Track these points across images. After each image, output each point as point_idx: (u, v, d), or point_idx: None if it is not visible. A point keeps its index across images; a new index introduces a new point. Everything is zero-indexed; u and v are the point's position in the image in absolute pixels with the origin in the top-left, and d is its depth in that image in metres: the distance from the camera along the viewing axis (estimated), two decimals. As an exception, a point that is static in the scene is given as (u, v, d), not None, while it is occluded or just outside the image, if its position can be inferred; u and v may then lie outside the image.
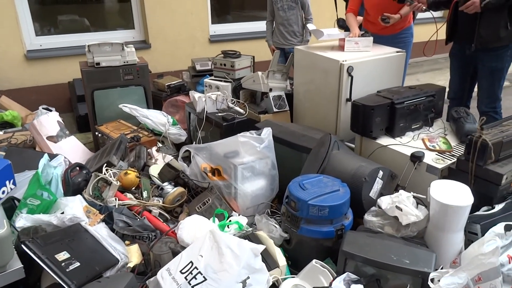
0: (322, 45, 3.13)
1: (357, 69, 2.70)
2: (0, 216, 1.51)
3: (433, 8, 2.87)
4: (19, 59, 4.05)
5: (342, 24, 3.68)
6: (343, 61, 2.67)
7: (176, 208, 2.31)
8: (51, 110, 4.03)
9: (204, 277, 1.57)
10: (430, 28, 2.84)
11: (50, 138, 2.90)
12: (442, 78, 5.47)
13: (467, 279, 1.60)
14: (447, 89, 2.95)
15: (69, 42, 4.36)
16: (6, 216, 1.62)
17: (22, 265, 1.51)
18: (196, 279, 1.57)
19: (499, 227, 1.82)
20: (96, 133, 3.14)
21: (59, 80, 4.26)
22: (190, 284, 1.56)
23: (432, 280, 1.61)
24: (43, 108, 4.04)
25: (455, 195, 1.85)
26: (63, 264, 1.57)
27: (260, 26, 5.41)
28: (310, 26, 3.19)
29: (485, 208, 2.02)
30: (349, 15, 3.26)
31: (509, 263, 1.79)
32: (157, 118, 3.26)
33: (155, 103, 3.56)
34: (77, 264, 1.62)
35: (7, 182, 1.60)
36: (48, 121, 2.94)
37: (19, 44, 4.02)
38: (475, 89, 2.94)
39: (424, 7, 2.87)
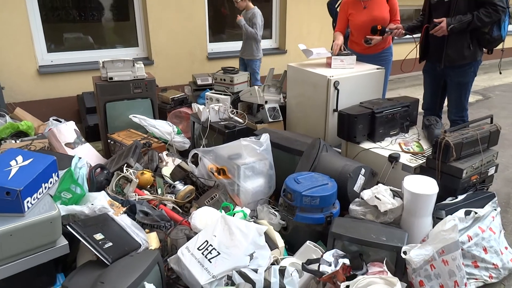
0: (312, 62, 3.53)
1: (343, 84, 3.09)
2: (50, 202, 1.82)
3: (409, 32, 3.32)
4: (32, 74, 4.37)
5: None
6: (330, 76, 3.07)
7: (186, 204, 2.64)
8: (60, 121, 4.35)
9: (218, 252, 1.89)
10: (410, 47, 3.24)
11: (68, 144, 3.20)
12: (421, 92, 5.94)
13: (433, 251, 1.97)
14: (421, 101, 3.36)
15: (78, 59, 4.70)
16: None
17: (67, 242, 1.82)
18: (211, 253, 1.90)
19: (460, 212, 2.20)
20: (109, 140, 3.45)
21: (68, 93, 4.58)
22: (206, 258, 1.88)
23: (404, 252, 1.97)
24: (53, 119, 4.35)
25: (424, 186, 2.22)
26: (100, 242, 1.88)
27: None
28: (301, 46, 3.60)
29: (450, 198, 2.40)
30: (337, 33, 3.67)
31: (469, 241, 2.17)
32: (163, 128, 3.59)
33: (160, 114, 3.90)
34: (110, 243, 1.93)
35: (53, 174, 1.92)
36: (67, 130, 3.25)
37: (33, 60, 4.34)
38: (446, 101, 3.36)
39: (403, 32, 3.32)
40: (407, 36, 3.34)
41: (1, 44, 4.11)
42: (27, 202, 1.67)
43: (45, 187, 1.83)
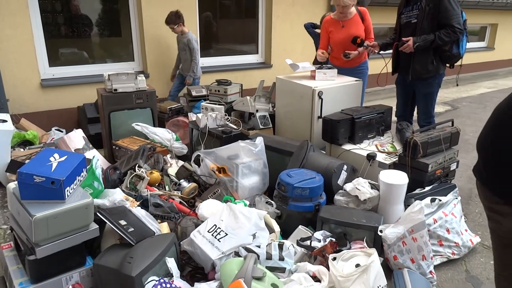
0: (298, 75, 3.96)
1: (326, 93, 3.51)
2: (83, 192, 2.14)
3: (383, 49, 3.79)
4: (35, 87, 4.64)
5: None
6: (315, 87, 3.48)
7: (190, 200, 2.97)
8: (62, 131, 4.63)
9: (225, 233, 2.24)
10: (383, 63, 3.69)
11: (77, 150, 3.50)
12: (396, 102, 6.47)
13: (404, 230, 2.36)
14: (394, 109, 3.82)
15: (77, 72, 4.99)
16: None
17: (98, 226, 2.13)
18: (220, 234, 2.24)
19: (427, 200, 2.61)
20: (114, 146, 3.76)
21: (68, 105, 4.86)
22: (216, 238, 2.22)
23: (380, 231, 2.36)
24: (55, 129, 4.63)
25: (396, 178, 2.64)
26: (124, 227, 2.20)
27: (238, 59, 6.31)
28: (288, 61, 4.02)
29: (418, 189, 2.82)
30: (320, 51, 4.11)
31: (434, 223, 2.58)
32: (163, 135, 3.92)
33: (159, 122, 4.23)
34: (132, 228, 2.24)
35: (84, 169, 2.23)
36: (76, 137, 3.55)
37: (36, 74, 4.62)
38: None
39: (376, 51, 3.78)
40: (382, 52, 3.81)
41: (7, 59, 4.38)
42: (67, 190, 1.98)
43: (78, 180, 2.14)
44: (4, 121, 3.52)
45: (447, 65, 3.52)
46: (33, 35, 4.52)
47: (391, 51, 3.73)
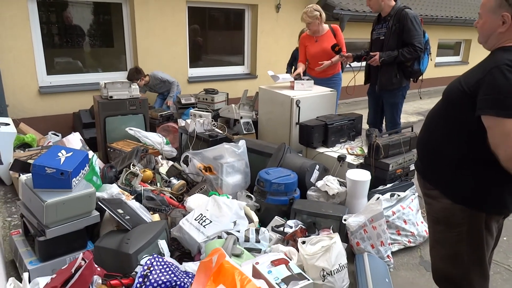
0: (279, 85, 4.35)
1: (303, 102, 3.89)
2: (86, 183, 2.46)
3: (356, 60, 4.19)
4: (34, 93, 4.94)
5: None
6: (293, 96, 3.87)
7: (179, 196, 3.30)
8: (58, 135, 4.92)
9: (210, 220, 2.58)
10: (357, 74, 4.11)
11: (75, 151, 3.80)
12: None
13: (365, 219, 2.73)
14: (365, 117, 4.22)
15: (73, 81, 5.31)
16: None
17: (99, 213, 2.45)
18: (205, 222, 2.57)
19: (387, 195, 3.00)
20: (109, 149, 4.07)
21: (64, 111, 5.16)
22: (201, 225, 2.56)
23: (344, 220, 2.72)
24: (51, 133, 4.92)
25: (361, 175, 3.02)
26: (121, 214, 2.52)
27: (225, 70, 6.70)
28: (270, 72, 4.41)
29: (381, 186, 3.20)
30: (299, 63, 4.52)
31: (393, 215, 2.96)
32: (154, 138, 4.25)
33: (151, 127, 4.56)
34: (128, 216, 2.56)
35: (86, 164, 2.55)
36: (74, 139, 3.86)
37: (34, 81, 4.92)
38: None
39: (349, 61, 4.19)
40: (353, 65, 4.23)
41: (8, 68, 4.68)
42: (74, 181, 2.31)
43: (82, 173, 2.46)
44: (7, 124, 3.81)
45: (411, 79, 3.95)
46: (33, 46, 4.83)
47: (359, 64, 4.15)
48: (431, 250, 1.96)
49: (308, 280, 2.04)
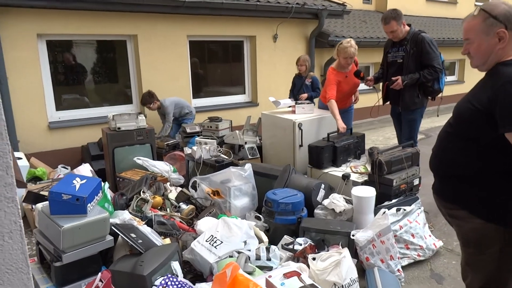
0: (280, 110, 4.49)
1: (305, 125, 4.02)
2: (100, 208, 2.54)
3: (375, 82, 4.34)
4: (44, 129, 5.09)
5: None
6: (295, 120, 3.99)
7: (189, 220, 3.36)
8: (67, 168, 5.02)
9: (221, 241, 2.63)
10: (371, 97, 4.23)
11: (85, 182, 3.89)
12: (386, 131, 7.00)
13: (373, 234, 2.78)
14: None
15: (81, 115, 5.48)
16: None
17: (113, 238, 2.51)
18: (216, 242, 2.63)
19: (393, 210, 3.06)
20: (118, 178, 4.16)
21: (72, 144, 5.29)
22: (213, 246, 2.61)
23: (353, 235, 2.77)
24: (61, 167, 5.03)
25: (366, 192, 3.09)
26: (134, 238, 2.58)
27: (227, 99, 6.89)
28: (271, 99, 4.57)
29: (386, 202, 3.26)
30: (332, 101, 4.06)
31: (400, 229, 3.01)
32: (162, 167, 4.35)
33: (158, 156, 4.67)
34: (141, 240, 2.62)
35: (99, 191, 2.64)
36: (85, 170, 3.95)
37: (44, 117, 5.08)
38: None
39: (371, 83, 4.33)
40: (374, 86, 4.44)
41: (19, 105, 4.86)
42: (88, 206, 2.39)
43: (96, 199, 2.55)
44: (20, 158, 3.93)
45: (430, 98, 4.10)
46: (42, 84, 5.03)
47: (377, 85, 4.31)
48: (463, 270, 1.94)
49: (321, 293, 2.08)
